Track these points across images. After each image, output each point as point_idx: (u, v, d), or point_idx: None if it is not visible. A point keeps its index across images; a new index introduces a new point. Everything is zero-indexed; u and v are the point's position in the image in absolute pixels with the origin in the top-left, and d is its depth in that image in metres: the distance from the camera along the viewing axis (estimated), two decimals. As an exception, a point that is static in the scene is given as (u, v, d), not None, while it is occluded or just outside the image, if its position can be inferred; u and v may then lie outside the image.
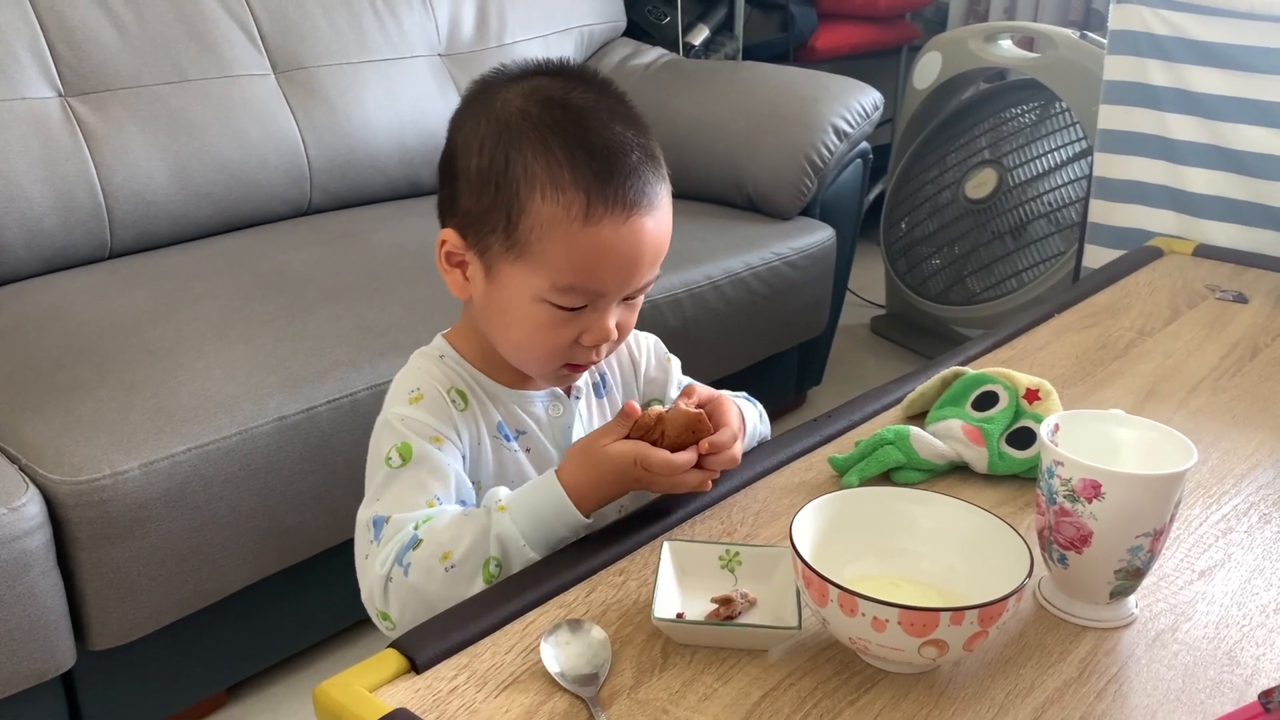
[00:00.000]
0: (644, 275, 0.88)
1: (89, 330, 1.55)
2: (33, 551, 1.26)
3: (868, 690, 0.74)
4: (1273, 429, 1.12)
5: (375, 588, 0.85)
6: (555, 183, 0.83)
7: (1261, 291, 1.49)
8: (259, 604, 1.52)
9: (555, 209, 0.83)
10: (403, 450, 0.88)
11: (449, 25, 2.34)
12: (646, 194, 0.85)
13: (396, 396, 0.92)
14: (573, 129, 0.84)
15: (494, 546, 0.84)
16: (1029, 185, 2.52)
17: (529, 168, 0.84)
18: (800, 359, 2.35)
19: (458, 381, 0.93)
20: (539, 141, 0.84)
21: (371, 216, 2.07)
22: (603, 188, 0.83)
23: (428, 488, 0.87)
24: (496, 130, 0.86)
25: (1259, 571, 0.89)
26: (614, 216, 0.84)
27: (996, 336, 1.33)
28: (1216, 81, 1.77)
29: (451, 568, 0.83)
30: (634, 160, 0.85)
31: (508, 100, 0.87)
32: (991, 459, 1.00)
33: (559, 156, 0.83)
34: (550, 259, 0.84)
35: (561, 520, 0.86)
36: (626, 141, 0.85)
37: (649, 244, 0.86)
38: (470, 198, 0.87)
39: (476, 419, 0.92)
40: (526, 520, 0.85)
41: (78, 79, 1.84)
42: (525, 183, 0.84)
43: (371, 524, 0.87)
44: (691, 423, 0.87)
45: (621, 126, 0.86)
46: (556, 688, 0.73)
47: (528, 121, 0.85)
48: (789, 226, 2.17)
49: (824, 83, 2.30)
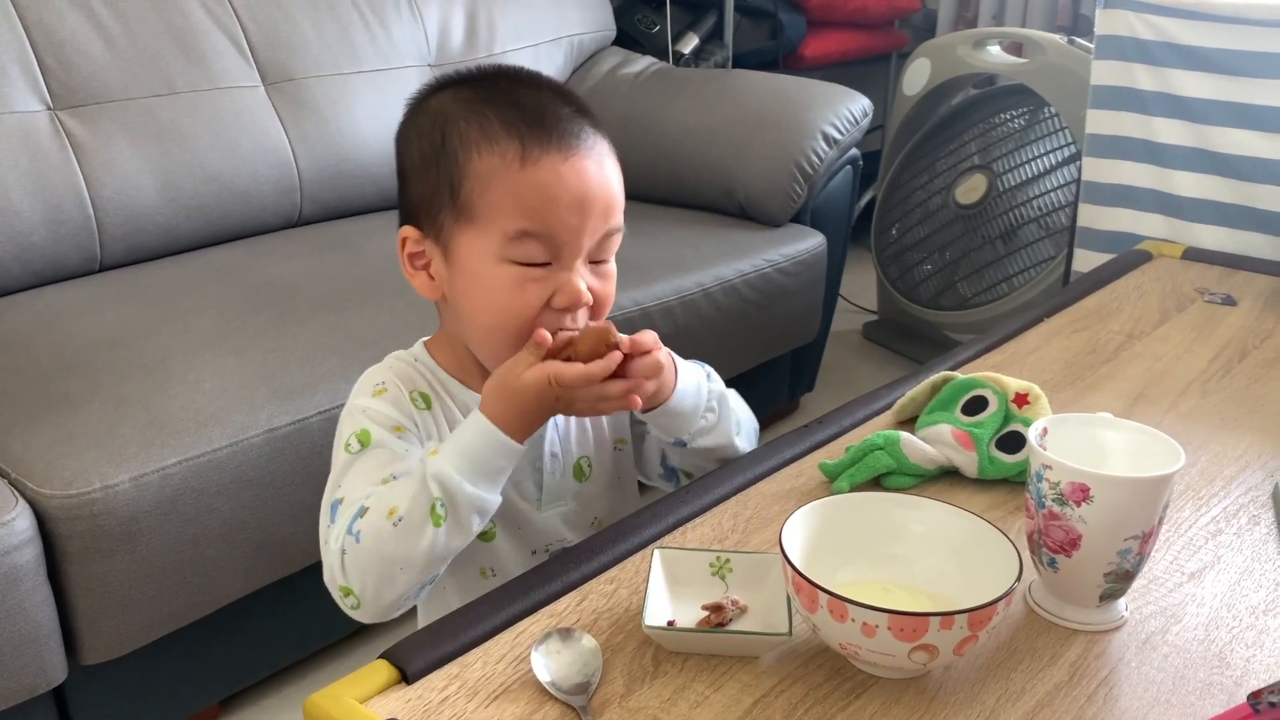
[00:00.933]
0: (597, 222, 0.86)
1: (79, 343, 1.55)
2: (23, 566, 1.25)
3: (859, 696, 0.74)
4: (1261, 431, 1.13)
5: (334, 564, 0.84)
6: (489, 137, 0.85)
7: (1250, 294, 1.50)
8: (251, 616, 1.52)
9: (492, 159, 0.85)
10: (361, 437, 0.88)
11: (439, 36, 2.34)
12: (584, 140, 0.86)
13: (361, 389, 0.93)
14: (502, 96, 0.87)
15: (435, 488, 0.82)
16: (1019, 190, 2.53)
17: (463, 135, 0.86)
18: (793, 365, 2.35)
19: (422, 385, 0.93)
20: (470, 112, 0.87)
21: (362, 227, 2.07)
22: (536, 132, 0.85)
23: (385, 469, 0.86)
24: (431, 119, 0.89)
25: (1248, 573, 0.89)
26: (551, 157, 0.84)
27: (986, 341, 1.33)
28: (1202, 85, 1.78)
29: (399, 521, 0.81)
30: (565, 113, 0.87)
31: (442, 97, 0.90)
32: (981, 463, 1.00)
33: (490, 117, 0.86)
34: (497, 210, 0.84)
35: (492, 449, 0.83)
36: (557, 101, 0.88)
37: (594, 186, 0.86)
38: (417, 185, 0.89)
39: (439, 421, 0.92)
40: (459, 457, 0.82)
41: (66, 92, 1.83)
42: (461, 149, 0.86)
43: (330, 508, 0.87)
44: (602, 335, 0.83)
45: (551, 94, 0.88)
46: (548, 697, 0.73)
47: (459, 102, 0.88)
48: (780, 233, 2.18)
49: (813, 90, 2.31)
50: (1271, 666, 0.78)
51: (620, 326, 1.87)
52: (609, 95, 2.46)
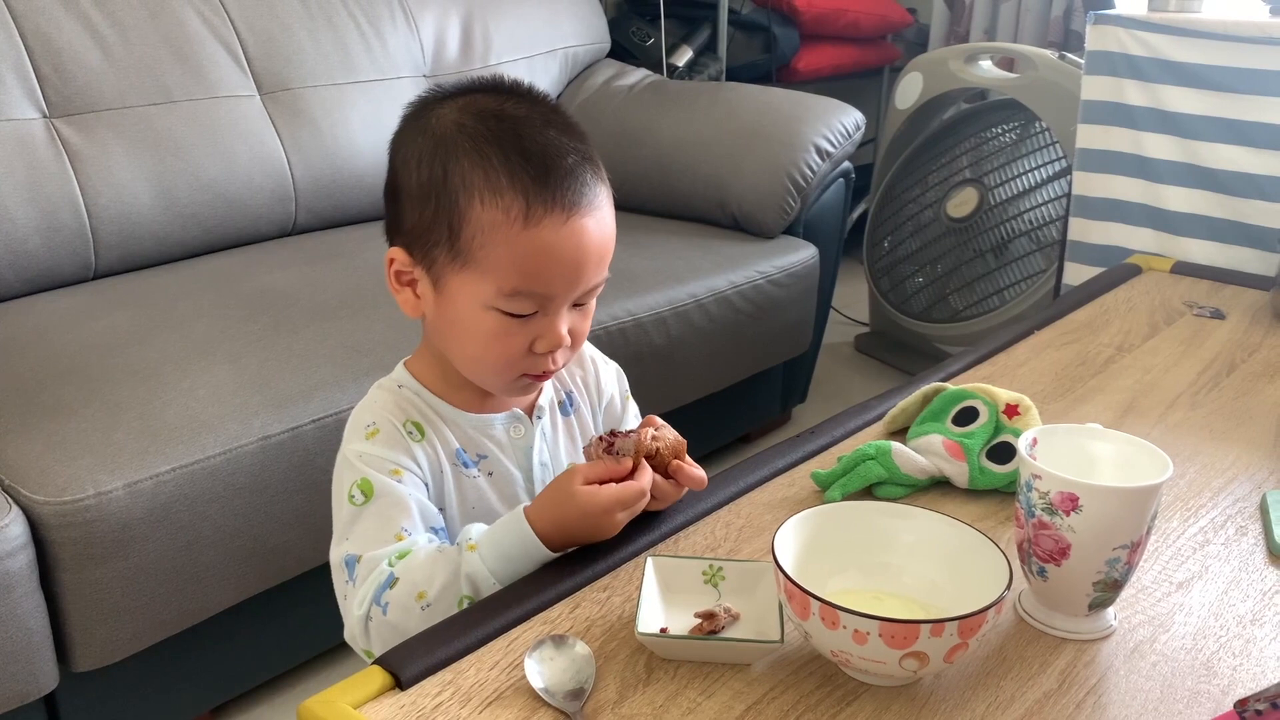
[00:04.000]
0: (590, 277, 0.88)
1: (73, 351, 1.55)
2: (15, 572, 1.25)
3: (850, 703, 0.75)
4: (1249, 443, 1.14)
5: (356, 628, 0.87)
6: (493, 188, 0.84)
7: (1238, 308, 1.51)
8: (244, 624, 1.52)
9: (495, 214, 0.84)
10: (364, 487, 0.89)
11: (434, 47, 2.35)
12: (585, 195, 0.86)
13: (354, 432, 0.92)
14: (508, 137, 0.85)
15: (466, 586, 0.85)
16: (1010, 204, 2.54)
17: (466, 177, 0.85)
18: (785, 377, 2.36)
19: (413, 413, 0.93)
20: (475, 151, 0.85)
21: (356, 236, 2.08)
22: (540, 190, 0.84)
23: (393, 522, 0.88)
24: (433, 145, 0.87)
25: (1235, 583, 0.90)
26: (554, 218, 0.84)
27: (977, 353, 1.34)
28: (1191, 101, 1.80)
29: (427, 606, 0.84)
30: (570, 163, 0.85)
31: (443, 116, 0.88)
32: (972, 474, 1.01)
33: (495, 163, 0.84)
34: (494, 264, 0.85)
35: (530, 559, 0.86)
36: (562, 146, 0.86)
37: (592, 245, 0.86)
38: (413, 213, 0.88)
39: (435, 448, 0.93)
40: (496, 560, 0.85)
41: (62, 100, 1.84)
42: (464, 191, 0.85)
43: (344, 564, 0.88)
44: (679, 448, 0.91)
45: (556, 132, 0.87)
46: (541, 703, 0.74)
47: (463, 134, 0.86)
48: (772, 245, 2.19)
49: (806, 103, 2.32)
50: (1258, 675, 0.79)
51: (613, 337, 1.88)
52: (603, 107, 2.47)
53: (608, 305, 1.82)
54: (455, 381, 0.94)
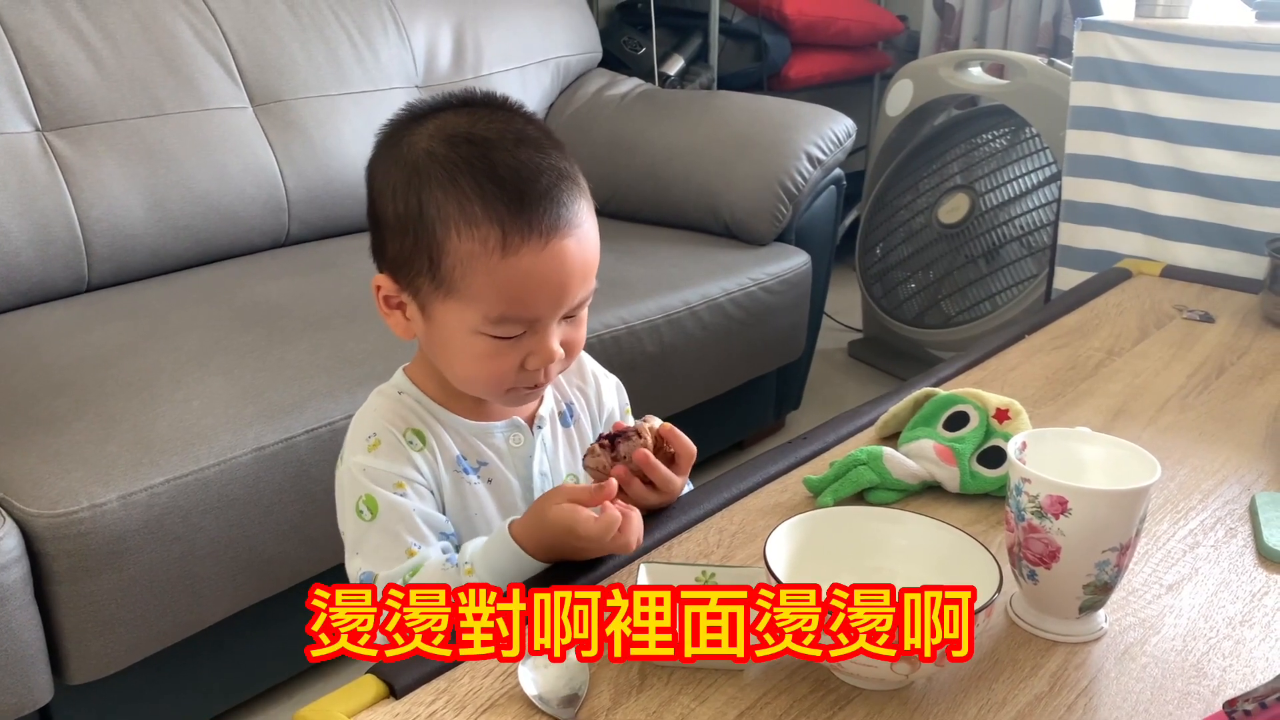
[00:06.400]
0: (575, 294, 0.88)
1: (66, 363, 1.55)
2: (10, 585, 1.25)
3: (842, 708, 0.75)
4: (1238, 446, 1.14)
5: None
6: (468, 219, 0.83)
7: (1227, 311, 1.52)
8: (239, 635, 1.52)
9: (472, 245, 0.83)
10: (369, 504, 0.89)
11: (425, 57, 2.36)
12: (563, 216, 0.85)
13: (355, 443, 0.93)
14: (479, 163, 0.84)
15: None
16: (1001, 210, 2.55)
17: (441, 208, 0.84)
18: (778, 383, 2.37)
19: (413, 420, 0.93)
20: (447, 180, 0.84)
21: (349, 247, 2.08)
22: (516, 217, 0.83)
23: (401, 539, 0.89)
24: (406, 175, 0.86)
25: (1225, 585, 0.91)
26: (532, 244, 0.83)
27: (968, 358, 1.35)
28: (1179, 106, 1.81)
29: None
30: (544, 184, 0.84)
31: (414, 143, 0.87)
32: (963, 478, 1.02)
33: (469, 193, 0.83)
34: (477, 293, 0.85)
35: (525, 574, 0.87)
36: (536, 165, 0.85)
37: (574, 264, 0.86)
38: (394, 243, 0.88)
39: (435, 455, 0.93)
40: (492, 577, 0.86)
41: (55, 113, 1.84)
42: (440, 223, 0.84)
43: (360, 580, 0.89)
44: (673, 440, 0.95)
45: (530, 151, 0.85)
46: (535, 711, 0.74)
47: (434, 162, 0.85)
48: (765, 252, 2.19)
49: (797, 111, 2.33)
50: (1247, 676, 0.80)
51: (606, 345, 1.87)
52: (595, 116, 2.48)
53: (601, 313, 1.83)
54: (453, 391, 0.95)
